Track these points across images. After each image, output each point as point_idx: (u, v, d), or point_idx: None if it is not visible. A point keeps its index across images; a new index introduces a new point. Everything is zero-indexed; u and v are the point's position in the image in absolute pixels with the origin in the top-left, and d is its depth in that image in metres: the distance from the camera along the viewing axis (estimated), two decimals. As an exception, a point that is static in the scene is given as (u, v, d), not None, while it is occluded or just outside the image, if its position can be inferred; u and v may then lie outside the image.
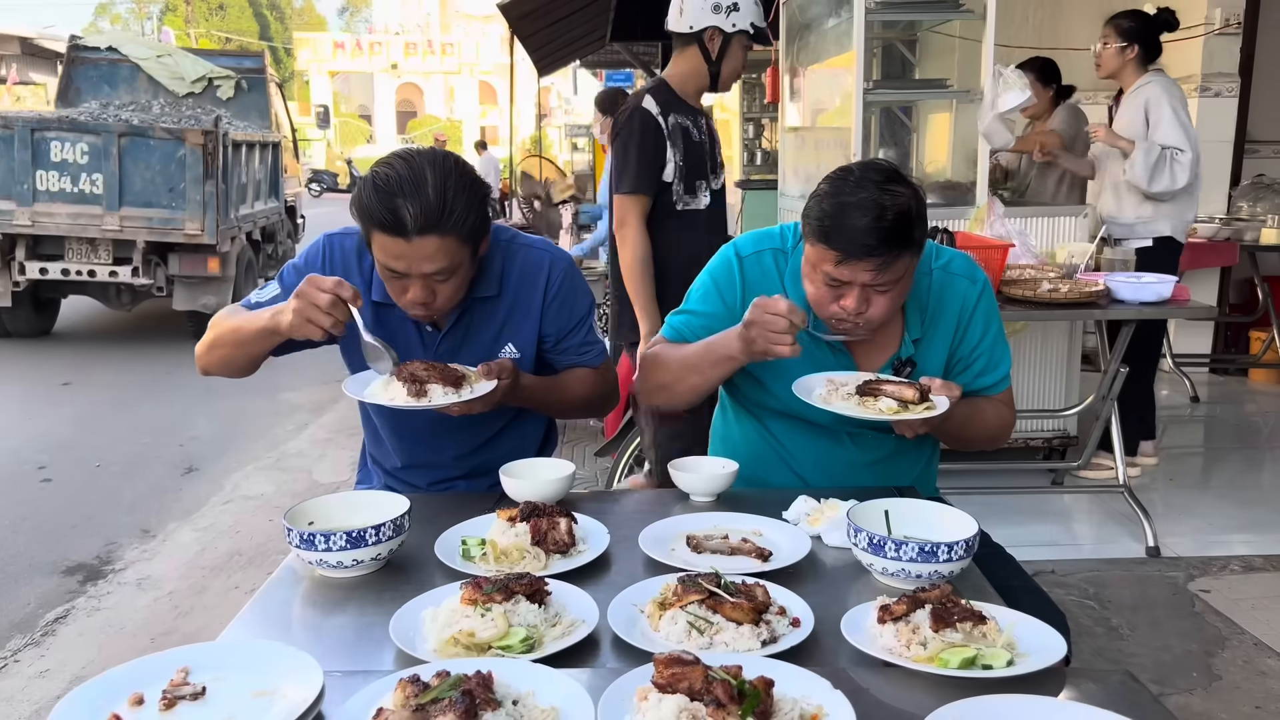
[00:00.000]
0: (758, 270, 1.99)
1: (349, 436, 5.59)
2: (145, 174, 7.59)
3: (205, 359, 2.01)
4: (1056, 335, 4.43)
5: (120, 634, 3.35)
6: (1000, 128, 4.09)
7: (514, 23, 9.68)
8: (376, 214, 1.74)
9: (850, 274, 1.75)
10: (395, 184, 1.73)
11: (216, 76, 9.49)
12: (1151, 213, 4.26)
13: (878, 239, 1.70)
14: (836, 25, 4.66)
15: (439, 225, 1.73)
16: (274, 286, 1.99)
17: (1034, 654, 1.27)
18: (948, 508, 1.64)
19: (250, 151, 8.93)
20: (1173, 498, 4.19)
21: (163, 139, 7.61)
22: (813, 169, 5.34)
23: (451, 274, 1.81)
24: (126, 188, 7.53)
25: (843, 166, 1.83)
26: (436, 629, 1.31)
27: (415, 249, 1.74)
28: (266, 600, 1.52)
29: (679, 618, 1.32)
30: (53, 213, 7.49)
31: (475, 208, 1.79)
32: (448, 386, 1.78)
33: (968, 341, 1.96)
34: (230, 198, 8.11)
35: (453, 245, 1.77)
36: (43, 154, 7.47)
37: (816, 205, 1.78)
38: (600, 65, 20.46)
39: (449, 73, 45.53)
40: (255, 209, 9.14)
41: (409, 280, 1.80)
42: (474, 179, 1.83)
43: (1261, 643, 3.05)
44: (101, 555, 3.98)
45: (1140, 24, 4.31)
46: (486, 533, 1.62)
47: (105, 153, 7.50)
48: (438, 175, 1.75)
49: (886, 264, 1.73)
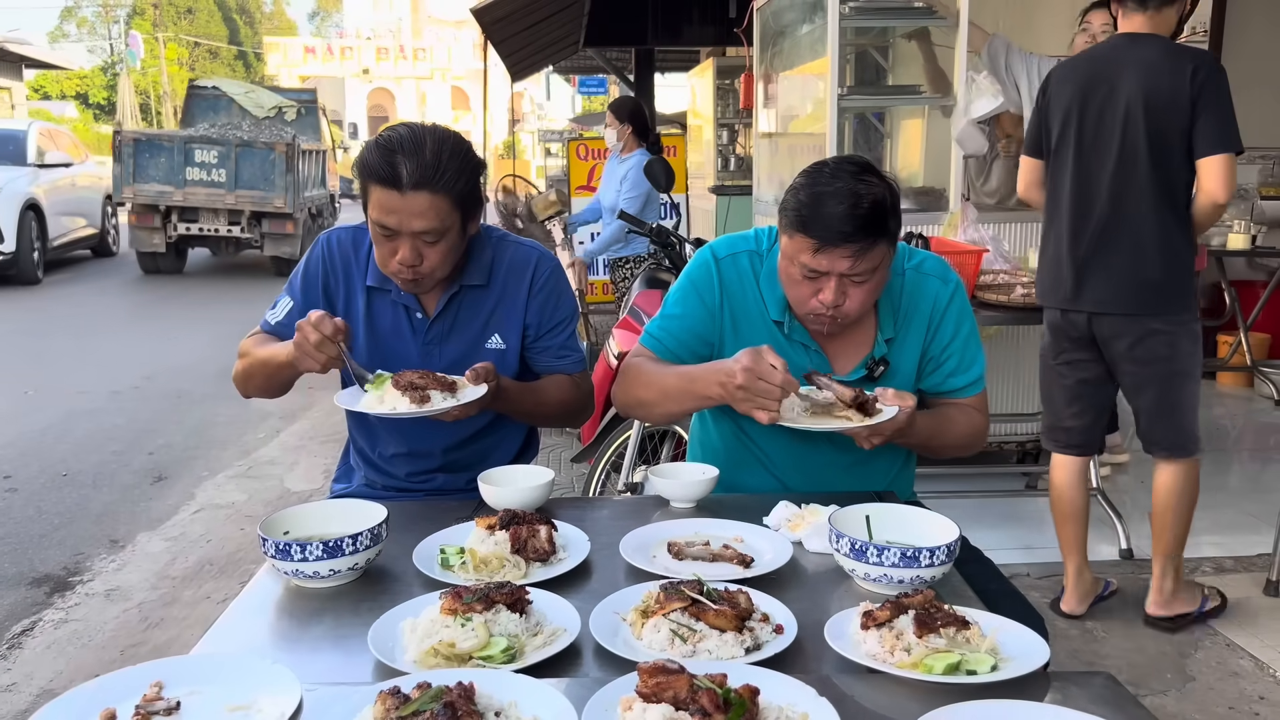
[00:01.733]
0: (734, 272, 2.00)
1: (321, 444, 5.54)
2: (250, 169, 11.96)
3: (245, 387, 2.13)
4: (1030, 340, 4.46)
5: (89, 646, 3.30)
6: (973, 133, 4.13)
7: (487, 28, 9.65)
8: (375, 167, 1.85)
9: (828, 263, 1.76)
10: (396, 142, 1.86)
11: (284, 105, 14.21)
12: None
13: (854, 225, 1.73)
14: (810, 31, 4.68)
15: (432, 182, 1.83)
16: (285, 299, 2.10)
17: (1017, 658, 1.27)
18: (928, 512, 1.64)
19: (309, 156, 13.20)
20: (1144, 500, 4.21)
21: (262, 148, 12.00)
22: (787, 174, 5.35)
23: (439, 236, 1.89)
24: (239, 177, 11.92)
25: (818, 161, 1.86)
26: (416, 640, 1.30)
27: (408, 203, 1.84)
28: (241, 612, 1.50)
29: (662, 626, 1.31)
30: (195, 193, 11.91)
31: (467, 174, 1.90)
32: (444, 391, 1.83)
33: (939, 340, 1.98)
34: (299, 185, 12.19)
35: (443, 205, 1.86)
36: (190, 157, 11.88)
37: (793, 197, 1.81)
38: (573, 71, 20.50)
39: (421, 78, 45.41)
40: (313, 194, 13.50)
41: (399, 240, 1.88)
42: (470, 152, 1.93)
43: (1234, 644, 3.08)
44: (69, 566, 3.91)
45: None
46: (465, 541, 1.60)
47: (227, 156, 11.90)
48: (435, 140, 1.88)
49: (863, 251, 1.75)
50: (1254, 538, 3.82)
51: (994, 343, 4.39)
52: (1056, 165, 3.12)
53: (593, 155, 8.54)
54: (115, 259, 14.15)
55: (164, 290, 11.63)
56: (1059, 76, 3.13)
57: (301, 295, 2.08)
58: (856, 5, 4.32)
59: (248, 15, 64.38)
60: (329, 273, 2.09)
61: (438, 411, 1.82)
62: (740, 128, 9.34)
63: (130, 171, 11.78)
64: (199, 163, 11.84)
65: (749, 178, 7.04)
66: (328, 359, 1.83)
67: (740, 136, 9.49)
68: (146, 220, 11.95)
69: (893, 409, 1.75)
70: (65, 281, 11.97)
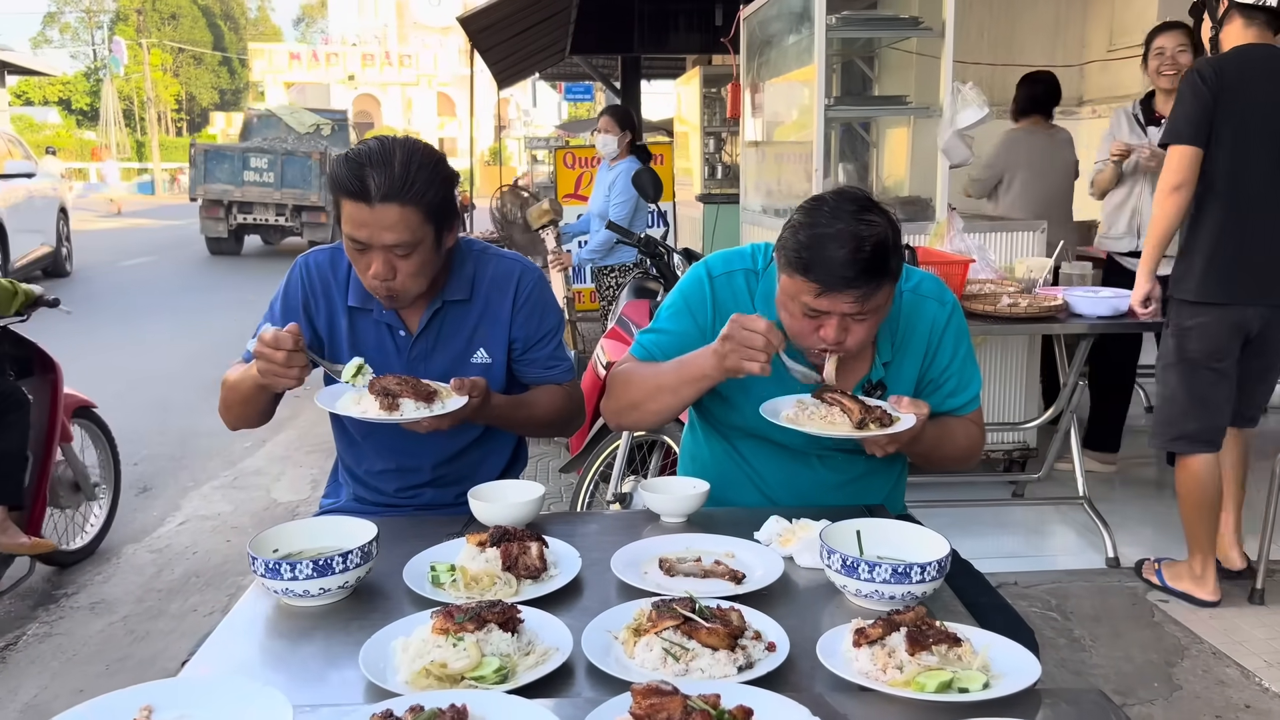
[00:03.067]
0: (729, 290, 1.98)
1: (307, 454, 5.51)
2: (293, 172, 15.35)
3: (228, 419, 2.11)
4: (1016, 349, 4.49)
5: (74, 660, 3.27)
6: (959, 144, 4.15)
7: (473, 35, 9.66)
8: (344, 181, 1.83)
9: (830, 305, 1.74)
10: (365, 155, 1.85)
11: (321, 123, 17.64)
12: None
13: (856, 271, 1.69)
14: (797, 41, 4.69)
15: (401, 194, 1.82)
16: (266, 327, 2.02)
17: (1009, 675, 1.27)
18: (919, 527, 1.64)
19: None
20: (1130, 508, 4.25)
21: (302, 156, 15.45)
22: (774, 184, 5.38)
23: (412, 249, 1.87)
24: (285, 179, 15.33)
25: (816, 196, 1.83)
26: (408, 660, 1.29)
27: (377, 216, 1.82)
28: (230, 631, 1.49)
29: (654, 644, 1.31)
30: (250, 191, 15.42)
31: (438, 185, 1.88)
32: (419, 401, 1.81)
33: (937, 364, 1.97)
34: None
35: (413, 218, 1.84)
36: (247, 163, 15.46)
37: (792, 236, 1.76)
38: (560, 78, 20.54)
39: (406, 84, 45.35)
40: None
41: (371, 253, 1.87)
42: (441, 162, 1.91)
43: (1220, 652, 3.10)
44: (53, 579, 3.88)
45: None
46: (456, 558, 1.60)
47: (275, 163, 15.38)
48: (405, 152, 1.86)
49: (867, 295, 1.73)
50: (1239, 545, 3.85)
51: (980, 352, 4.41)
52: (1233, 158, 3.12)
53: (580, 163, 8.54)
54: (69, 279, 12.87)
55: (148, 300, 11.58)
56: (1229, 69, 3.12)
57: (282, 319, 2.05)
58: (843, 16, 4.34)
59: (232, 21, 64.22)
60: (309, 295, 2.07)
61: (408, 421, 1.80)
62: (727, 136, 9.36)
63: (202, 174, 15.49)
64: (253, 167, 15.46)
65: (736, 186, 7.06)
66: (297, 373, 1.82)
67: (727, 145, 9.51)
68: (214, 212, 15.64)
69: (910, 418, 1.74)
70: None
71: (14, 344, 3.71)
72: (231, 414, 2.08)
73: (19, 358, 3.72)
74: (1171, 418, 3.32)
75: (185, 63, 57.74)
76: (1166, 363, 3.35)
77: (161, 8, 56.82)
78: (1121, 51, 6.31)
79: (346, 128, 18.22)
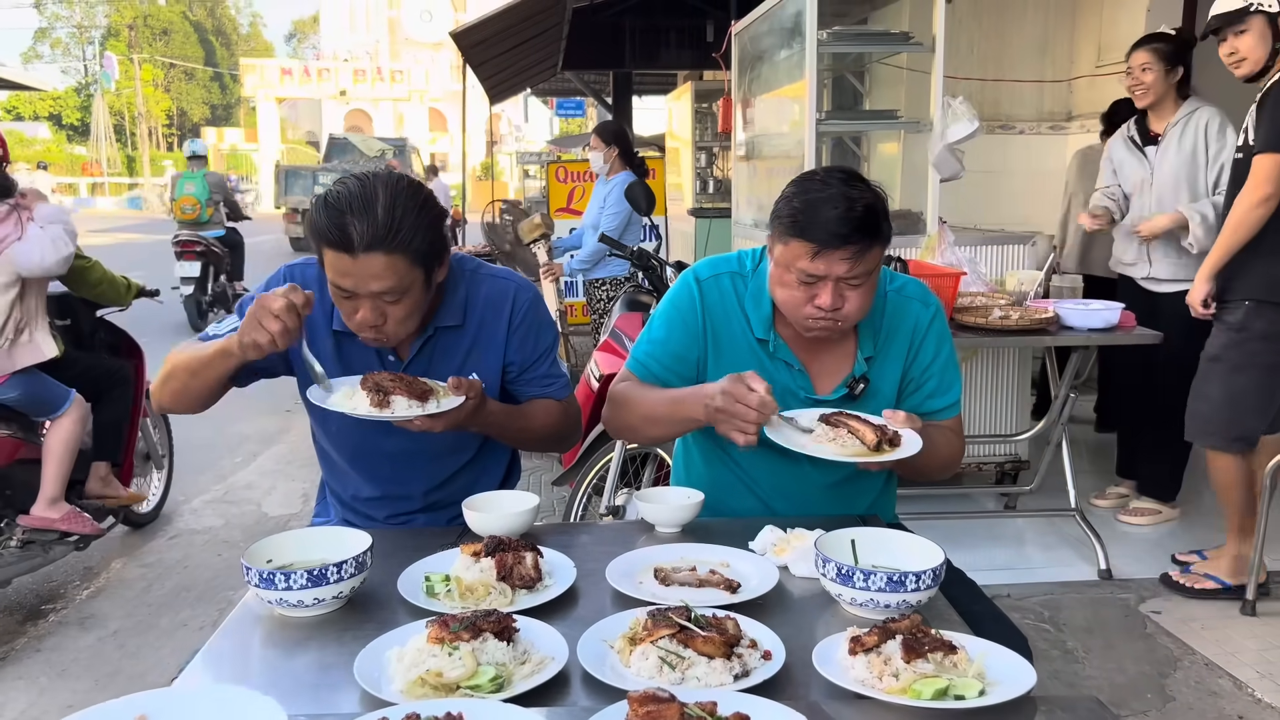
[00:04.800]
0: (716, 294, 2.01)
1: (299, 468, 5.49)
2: None
3: (161, 392, 1.96)
4: (1007, 361, 4.50)
5: (63, 676, 3.24)
6: (949, 158, 4.17)
7: (466, 51, 9.69)
8: (325, 231, 1.73)
9: (825, 267, 1.78)
10: (346, 201, 1.73)
11: (386, 149, 21.33)
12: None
13: (850, 228, 1.75)
14: (788, 57, 4.72)
15: (385, 243, 1.71)
16: (231, 319, 1.93)
17: (1004, 683, 1.27)
18: (913, 536, 1.65)
19: None
20: (1119, 522, 4.25)
21: None
22: (766, 197, 5.40)
23: (401, 295, 1.78)
24: None
25: (806, 171, 1.88)
26: (403, 669, 1.29)
27: (361, 266, 1.73)
28: (224, 642, 1.48)
29: (650, 653, 1.31)
30: None
31: (425, 229, 1.77)
32: (413, 399, 1.75)
33: (919, 362, 2.00)
34: None
35: (400, 265, 1.74)
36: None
37: (786, 205, 1.82)
38: (551, 93, 20.60)
39: (398, 99, 45.34)
40: None
41: (358, 300, 1.78)
42: (428, 202, 1.81)
43: (1212, 663, 3.11)
44: (41, 593, 3.86)
45: (1178, 45, 4.00)
46: (450, 568, 1.59)
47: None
48: (388, 195, 1.74)
49: (860, 253, 1.77)
50: (1230, 557, 3.86)
51: (972, 364, 4.42)
52: None
53: (572, 178, 8.56)
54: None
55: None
56: None
57: None
58: (834, 31, 4.37)
59: (224, 37, 64.33)
60: None
61: (400, 419, 1.74)
62: (719, 150, 9.39)
63: (284, 189, 20.27)
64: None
65: (728, 200, 7.08)
66: (283, 328, 1.68)
67: (718, 159, 9.54)
68: (293, 219, 19.33)
69: (915, 444, 1.75)
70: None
71: (108, 331, 4.45)
72: (170, 386, 1.92)
73: (112, 343, 4.46)
74: (1234, 418, 3.37)
75: (176, 78, 57.78)
76: (1235, 364, 3.36)
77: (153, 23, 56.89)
78: (1109, 67, 6.36)
79: (406, 151, 21.77)
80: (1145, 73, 3.96)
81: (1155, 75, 3.94)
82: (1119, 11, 6.28)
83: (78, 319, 4.24)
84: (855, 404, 1.93)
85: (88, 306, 4.26)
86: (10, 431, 3.65)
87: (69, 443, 3.72)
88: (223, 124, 54.44)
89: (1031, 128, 6.77)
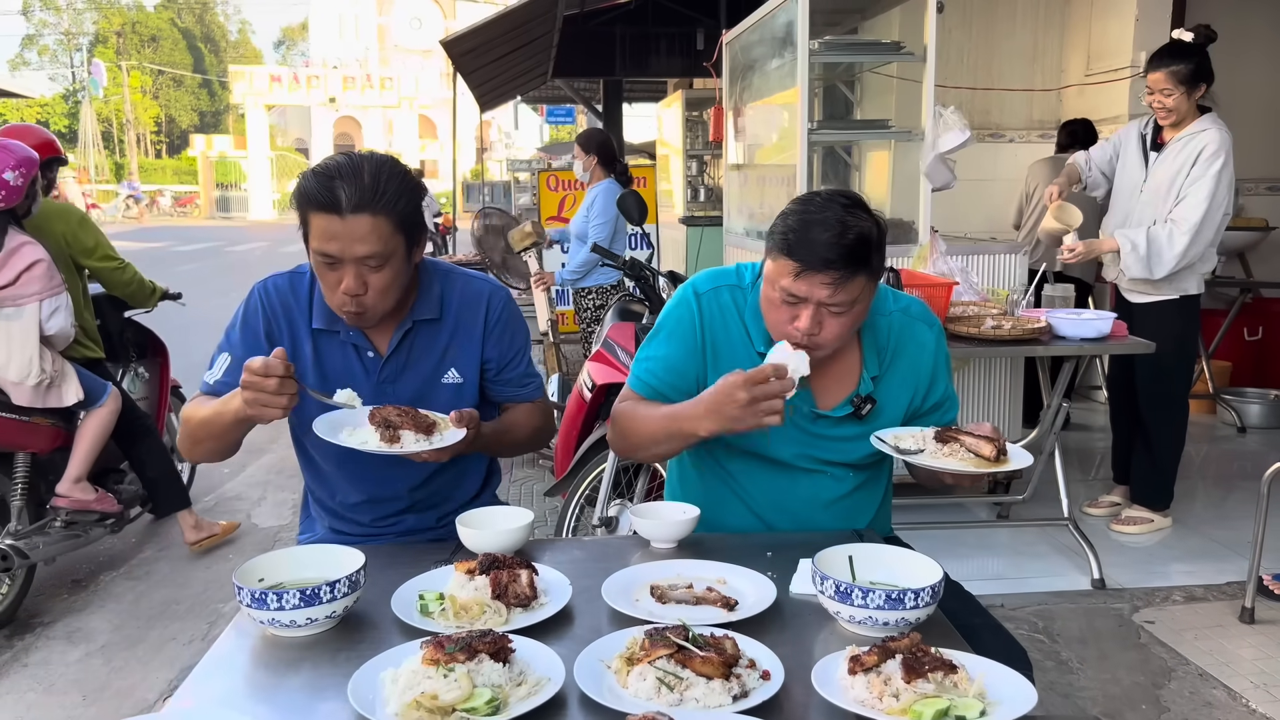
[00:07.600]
0: (715, 307, 2.00)
1: (289, 478, 5.46)
2: None
3: (193, 453, 2.01)
4: (999, 371, 4.51)
5: (50, 690, 3.21)
6: (941, 167, 4.18)
7: (456, 59, 9.69)
8: (313, 194, 1.81)
9: (807, 288, 1.77)
10: (334, 168, 1.84)
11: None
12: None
13: (837, 254, 1.74)
14: (780, 66, 4.73)
15: (372, 204, 1.81)
16: (223, 358, 2.00)
17: (1005, 702, 1.26)
18: (910, 552, 1.64)
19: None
20: (1114, 529, 4.26)
21: None
22: (757, 205, 5.40)
23: (384, 261, 1.85)
24: None
25: (812, 191, 1.87)
26: (397, 691, 1.27)
27: (349, 227, 1.80)
28: (215, 662, 1.46)
29: (648, 673, 1.29)
30: None
31: (407, 196, 1.87)
32: (419, 433, 1.79)
33: (934, 388, 2.01)
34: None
35: (385, 228, 1.83)
36: None
37: (782, 222, 1.82)
38: (542, 100, 20.60)
39: (388, 106, 45.34)
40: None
41: (343, 268, 1.84)
42: (409, 174, 1.91)
43: (1206, 673, 3.10)
44: (28, 607, 3.81)
45: (1197, 62, 3.82)
46: (444, 586, 1.58)
47: None
48: (374, 164, 1.86)
49: (842, 281, 1.75)
50: (1223, 565, 3.87)
51: (964, 374, 4.43)
52: None
53: (563, 186, 8.57)
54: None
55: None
56: None
57: (242, 348, 1.97)
58: (825, 41, 4.38)
59: (213, 44, 64.21)
60: (270, 320, 2.00)
61: (409, 453, 1.79)
62: (709, 158, 9.41)
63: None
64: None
65: (719, 208, 7.09)
66: (289, 399, 1.74)
67: (709, 167, 9.56)
68: None
69: (1026, 458, 1.75)
70: None
71: (135, 331, 4.68)
72: (200, 449, 1.98)
73: (139, 342, 4.70)
74: None
75: (165, 85, 57.63)
76: None
77: (141, 30, 56.77)
78: (1098, 76, 6.39)
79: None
80: (1167, 96, 3.83)
81: (1176, 98, 3.83)
82: (1108, 21, 6.31)
83: (106, 320, 4.41)
84: (861, 424, 1.92)
85: (115, 308, 4.48)
86: (53, 421, 3.84)
87: (102, 430, 3.93)
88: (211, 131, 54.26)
89: (1021, 136, 6.80)
